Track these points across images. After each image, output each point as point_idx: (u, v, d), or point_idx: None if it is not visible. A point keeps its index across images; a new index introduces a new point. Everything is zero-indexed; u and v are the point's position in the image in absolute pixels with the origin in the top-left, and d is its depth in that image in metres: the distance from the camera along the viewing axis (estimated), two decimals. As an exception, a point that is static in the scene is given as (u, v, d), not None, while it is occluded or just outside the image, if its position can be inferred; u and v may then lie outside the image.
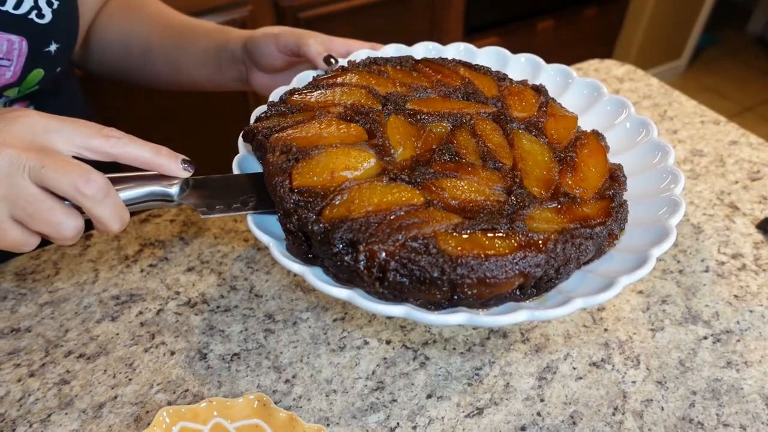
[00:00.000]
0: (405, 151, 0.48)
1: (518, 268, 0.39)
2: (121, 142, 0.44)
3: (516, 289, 0.41)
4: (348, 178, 0.44)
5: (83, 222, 0.44)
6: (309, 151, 0.46)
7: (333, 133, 0.48)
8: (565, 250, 0.41)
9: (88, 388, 0.53)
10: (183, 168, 0.47)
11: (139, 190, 0.46)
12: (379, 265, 0.39)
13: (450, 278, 0.39)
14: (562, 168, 0.48)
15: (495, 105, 0.54)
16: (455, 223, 0.41)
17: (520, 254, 0.39)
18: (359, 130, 0.49)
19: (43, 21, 0.57)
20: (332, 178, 0.44)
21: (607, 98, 0.59)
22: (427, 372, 0.54)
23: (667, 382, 0.54)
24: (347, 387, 0.53)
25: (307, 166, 0.45)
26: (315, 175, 0.44)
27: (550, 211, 0.43)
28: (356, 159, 0.46)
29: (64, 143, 0.42)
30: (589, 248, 0.42)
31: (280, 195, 0.44)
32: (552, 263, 0.40)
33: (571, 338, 0.57)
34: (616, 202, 0.46)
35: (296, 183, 0.44)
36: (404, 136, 0.49)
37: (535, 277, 0.40)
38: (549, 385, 0.53)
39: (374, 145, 0.47)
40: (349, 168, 0.45)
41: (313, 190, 0.44)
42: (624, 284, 0.40)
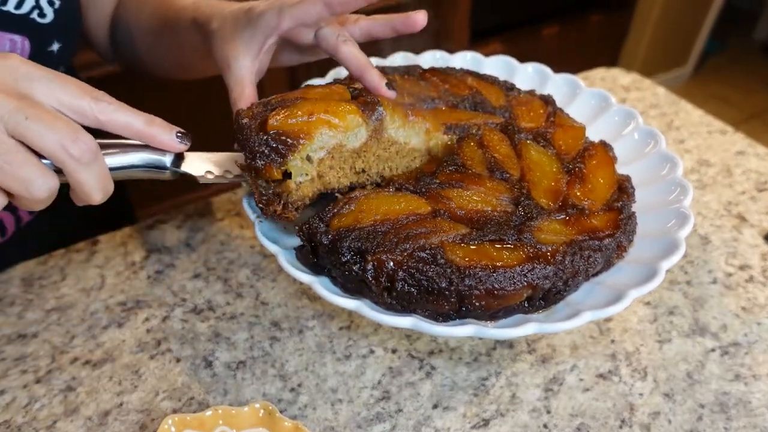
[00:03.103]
0: (394, 113, 0.47)
1: (526, 280, 0.39)
2: (111, 108, 0.40)
3: (524, 301, 0.41)
4: (328, 122, 0.42)
5: (58, 184, 0.39)
6: (289, 101, 0.44)
7: (317, 91, 0.47)
8: (573, 262, 0.40)
9: (94, 395, 0.53)
10: (178, 141, 0.43)
11: (129, 157, 0.42)
12: (388, 275, 0.39)
13: (458, 289, 0.38)
14: (570, 179, 0.48)
15: (503, 115, 0.54)
16: (463, 234, 0.41)
17: (529, 266, 0.39)
18: (343, 89, 0.48)
19: (44, 20, 0.56)
20: (310, 120, 0.42)
21: (615, 108, 0.59)
22: (433, 382, 0.54)
23: (674, 394, 0.53)
24: (353, 396, 0.53)
25: (284, 111, 0.43)
26: (292, 116, 0.42)
27: (558, 223, 0.43)
28: (339, 108, 0.44)
29: (47, 97, 0.38)
30: (597, 260, 0.42)
31: (246, 135, 0.41)
32: (560, 275, 0.40)
33: (577, 349, 0.57)
34: (625, 214, 0.46)
35: (270, 125, 0.41)
36: (395, 105, 0.49)
37: (543, 289, 0.40)
38: (555, 397, 0.53)
39: (363, 102, 0.46)
40: (330, 113, 0.43)
41: (287, 133, 0.41)
42: (633, 297, 0.39)
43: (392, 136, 0.48)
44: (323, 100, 0.44)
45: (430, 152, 0.52)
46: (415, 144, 0.50)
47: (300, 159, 0.42)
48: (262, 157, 0.41)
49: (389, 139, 0.48)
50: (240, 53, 0.50)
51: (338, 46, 0.49)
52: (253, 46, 0.50)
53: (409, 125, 0.49)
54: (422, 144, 0.51)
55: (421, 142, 0.51)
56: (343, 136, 0.44)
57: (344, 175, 0.47)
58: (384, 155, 0.48)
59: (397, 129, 0.48)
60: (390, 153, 0.49)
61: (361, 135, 0.45)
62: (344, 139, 0.44)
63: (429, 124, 0.51)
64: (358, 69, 0.49)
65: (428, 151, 0.52)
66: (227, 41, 0.51)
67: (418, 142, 0.50)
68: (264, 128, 0.41)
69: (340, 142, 0.44)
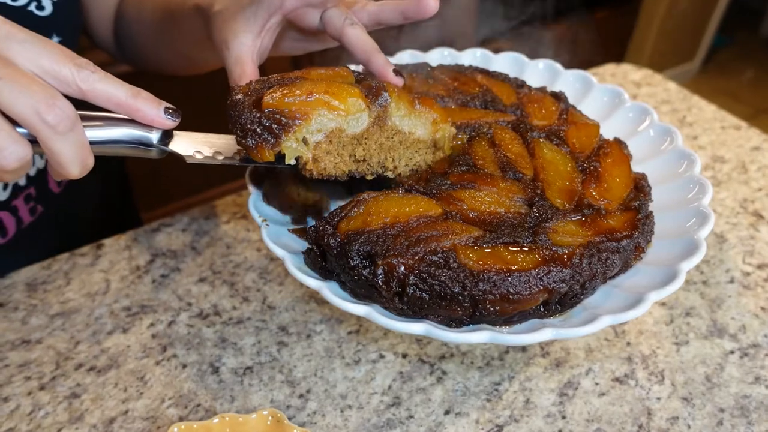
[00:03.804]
0: (400, 101, 0.45)
1: (542, 284, 0.38)
2: (95, 77, 0.37)
3: (540, 306, 0.39)
4: (327, 103, 0.40)
5: (31, 154, 0.36)
6: (289, 80, 0.42)
7: (320, 72, 0.45)
8: (591, 265, 0.39)
9: (99, 402, 0.52)
10: (166, 117, 0.40)
11: (112, 131, 0.39)
12: (398, 280, 0.38)
13: (471, 294, 0.37)
14: (586, 178, 0.46)
15: (514, 113, 0.53)
16: (476, 236, 0.40)
17: (545, 269, 0.38)
18: (347, 71, 0.46)
19: (43, 13, 0.55)
20: (308, 100, 0.40)
21: (628, 105, 0.58)
22: (445, 387, 0.53)
23: (693, 398, 0.52)
24: (362, 402, 0.52)
25: (282, 88, 0.40)
26: (290, 95, 0.40)
27: (574, 224, 0.42)
28: (341, 90, 0.41)
29: (26, 60, 0.35)
30: (615, 262, 0.40)
31: (238, 112, 0.39)
32: (577, 278, 0.39)
33: (592, 352, 0.55)
34: (642, 214, 0.44)
35: (266, 102, 0.39)
36: (401, 92, 0.46)
37: (559, 293, 0.39)
38: (571, 402, 0.52)
39: (367, 86, 0.44)
40: (330, 94, 0.41)
41: (283, 112, 0.39)
42: (653, 301, 0.38)
43: (396, 125, 0.46)
44: (325, 81, 0.42)
45: (437, 144, 0.49)
46: (420, 135, 0.48)
47: (295, 140, 0.40)
48: (254, 137, 0.39)
49: (393, 127, 0.46)
50: (240, 30, 0.47)
51: (344, 28, 0.47)
52: (254, 23, 0.47)
53: (415, 114, 0.47)
54: (428, 135, 0.48)
55: (427, 133, 0.48)
56: (343, 120, 0.42)
57: (342, 162, 0.45)
58: (386, 144, 0.46)
59: (401, 117, 0.46)
60: (393, 142, 0.46)
61: (363, 121, 0.43)
62: (344, 124, 0.42)
63: (437, 115, 0.48)
64: (365, 53, 0.47)
65: (434, 144, 0.49)
66: (227, 20, 0.48)
67: (424, 133, 0.48)
68: (259, 106, 0.39)
69: (339, 126, 0.42)
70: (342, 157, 0.44)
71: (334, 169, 0.44)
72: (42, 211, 0.66)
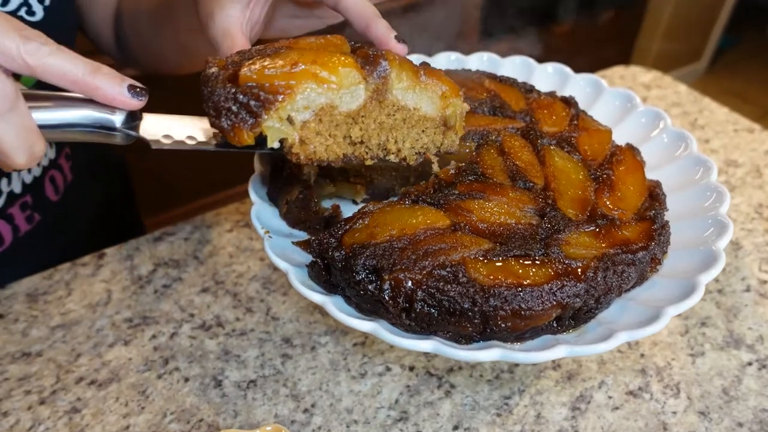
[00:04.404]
0: (402, 71, 0.40)
1: (556, 299, 0.36)
2: (45, 50, 0.32)
3: (553, 321, 0.38)
4: (315, 75, 0.35)
5: None
6: (273, 50, 0.37)
7: (309, 41, 0.40)
8: (606, 279, 0.38)
9: (100, 417, 0.51)
10: (130, 95, 0.35)
11: (66, 113, 0.34)
12: (406, 295, 0.37)
13: (482, 310, 0.36)
14: (598, 187, 0.45)
15: (523, 119, 0.51)
16: (486, 249, 0.38)
17: (558, 283, 0.36)
18: (341, 39, 0.41)
19: (33, 18, 0.53)
20: (293, 72, 0.35)
21: (641, 109, 0.56)
22: (453, 401, 0.51)
23: (710, 412, 0.50)
24: (369, 417, 0.50)
25: (262, 59, 0.35)
26: (271, 66, 0.35)
27: (587, 235, 0.40)
28: (332, 59, 0.36)
29: None
30: (631, 275, 0.39)
31: (212, 88, 0.34)
32: (592, 293, 0.37)
33: (605, 364, 0.54)
34: (658, 224, 0.43)
35: (243, 76, 0.34)
36: (403, 61, 0.41)
37: (573, 308, 0.37)
38: (583, 416, 0.50)
39: (363, 55, 0.39)
40: (319, 64, 0.35)
41: (263, 87, 0.34)
42: (671, 316, 0.36)
43: (398, 100, 0.40)
44: (314, 50, 0.37)
45: (447, 123, 0.44)
46: (427, 111, 0.42)
47: (278, 119, 0.36)
48: (229, 116, 0.34)
49: (394, 102, 0.40)
50: (226, 1, 0.43)
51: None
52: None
53: (421, 87, 0.41)
54: (436, 111, 0.43)
55: (435, 109, 0.42)
56: (334, 95, 0.37)
57: (336, 145, 0.40)
58: (387, 123, 0.41)
59: (404, 91, 0.40)
60: (395, 120, 0.41)
61: (359, 95, 0.38)
62: (336, 99, 0.37)
63: (446, 88, 0.42)
64: (363, 19, 0.42)
65: (444, 122, 0.44)
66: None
67: (432, 109, 0.42)
68: (235, 80, 0.34)
69: (330, 102, 0.37)
70: (335, 138, 0.39)
71: (325, 152, 0.39)
72: (39, 219, 0.65)
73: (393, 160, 0.43)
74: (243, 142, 0.36)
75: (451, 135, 0.45)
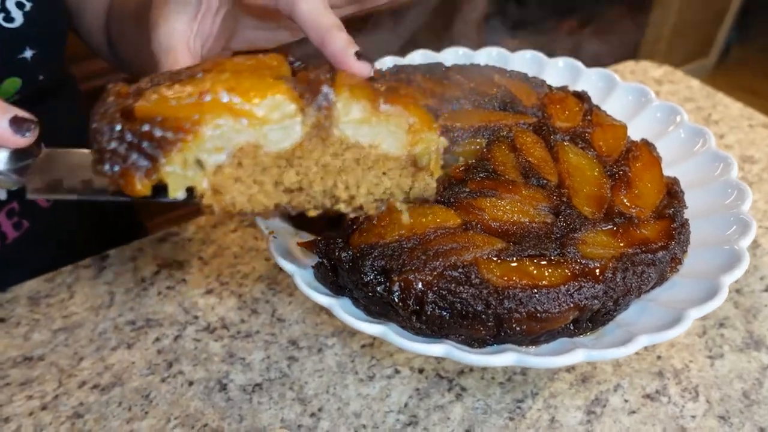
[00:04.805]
0: (353, 98, 0.31)
1: (573, 301, 0.35)
2: None
3: (570, 324, 0.36)
4: (230, 107, 0.28)
5: None
6: (186, 73, 0.30)
7: (236, 61, 0.32)
8: (625, 280, 0.36)
9: (102, 422, 0.49)
10: (13, 130, 0.29)
11: None
12: (416, 297, 0.35)
13: (496, 312, 0.34)
14: (615, 184, 0.43)
15: (535, 115, 0.50)
16: (499, 249, 0.37)
17: (575, 285, 0.35)
18: (280, 59, 0.33)
19: (12, 25, 0.52)
20: (202, 103, 0.28)
21: (655, 104, 0.55)
22: (464, 405, 0.50)
23: (730, 417, 0.48)
24: (377, 422, 0.49)
25: (167, 88, 0.29)
26: (175, 96, 0.28)
27: (604, 234, 0.39)
28: (256, 85, 0.29)
29: None
30: (651, 276, 0.37)
31: (97, 123, 0.28)
32: (611, 294, 0.36)
33: (621, 367, 0.52)
34: (678, 222, 0.41)
35: (139, 109, 0.28)
36: (360, 86, 0.32)
37: (591, 310, 0.36)
38: (599, 420, 0.48)
39: (302, 79, 0.31)
40: (238, 92, 0.28)
41: (163, 123, 0.28)
42: (693, 318, 0.35)
43: (347, 136, 0.32)
44: (238, 73, 0.30)
45: (417, 163, 0.35)
46: (388, 148, 0.33)
47: (181, 163, 0.29)
48: (115, 160, 0.28)
49: (342, 139, 0.32)
50: (171, 12, 0.37)
51: (296, 1, 0.36)
52: (187, 4, 0.38)
53: (380, 119, 0.32)
54: (401, 149, 0.34)
55: (400, 146, 0.33)
56: (258, 132, 0.30)
57: (263, 194, 0.32)
58: (334, 165, 0.32)
59: (356, 124, 0.32)
60: (345, 161, 0.33)
61: (293, 131, 0.30)
62: (261, 137, 0.30)
63: (415, 119, 0.33)
64: (318, 31, 0.35)
65: (413, 162, 0.35)
66: (156, 3, 0.39)
67: (395, 146, 0.33)
68: (129, 114, 0.28)
69: (253, 141, 0.30)
70: (262, 185, 0.32)
71: (249, 203, 0.32)
72: (28, 226, 0.64)
73: (344, 210, 0.34)
74: (136, 192, 0.28)
75: (423, 177, 0.35)
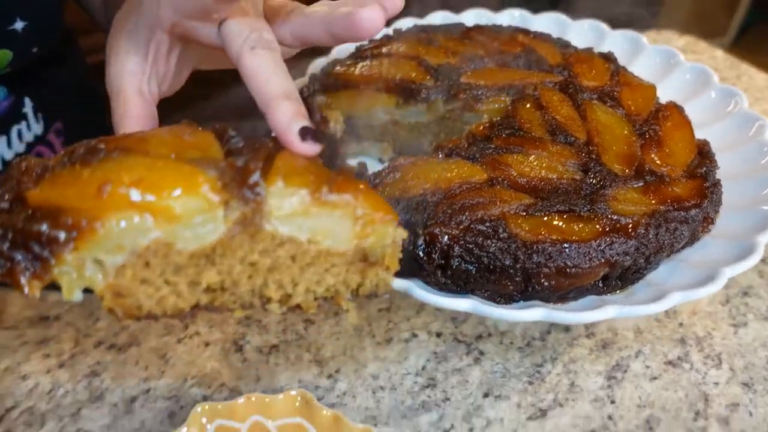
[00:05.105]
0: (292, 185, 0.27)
1: (604, 257, 0.34)
2: None
3: (599, 281, 0.36)
4: (138, 200, 0.24)
5: None
6: (97, 157, 0.26)
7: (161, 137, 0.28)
8: (657, 236, 0.35)
9: (120, 380, 0.49)
10: None
11: None
12: (442, 251, 0.34)
13: (524, 267, 0.34)
14: (645, 143, 0.42)
15: (561, 74, 0.48)
16: (527, 204, 0.36)
17: (606, 240, 0.34)
18: (211, 139, 0.28)
19: None
20: (98, 196, 0.24)
21: (685, 66, 0.53)
22: (483, 368, 0.49)
23: (754, 384, 0.48)
24: (395, 383, 0.48)
25: (70, 173, 0.25)
26: (69, 188, 0.25)
27: (636, 191, 0.38)
28: (170, 174, 0.25)
29: None
30: (683, 234, 0.36)
31: None
32: (642, 251, 0.35)
33: (642, 333, 0.52)
34: (710, 181, 0.40)
35: (32, 196, 0.25)
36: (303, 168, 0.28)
37: (622, 267, 0.35)
38: (620, 385, 0.48)
39: (228, 167, 0.27)
40: (145, 185, 0.25)
41: (54, 217, 0.24)
42: (728, 276, 0.34)
43: (279, 232, 0.28)
44: (153, 159, 0.26)
45: (367, 257, 0.30)
46: (331, 243, 0.29)
47: (75, 266, 0.25)
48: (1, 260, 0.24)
49: (274, 235, 0.28)
50: (122, 50, 0.34)
51: (241, 55, 0.31)
52: (138, 42, 0.34)
53: (322, 210, 0.28)
54: (347, 243, 0.29)
55: (346, 239, 0.29)
56: (168, 230, 0.26)
57: (177, 295, 0.28)
58: (263, 263, 0.28)
59: (292, 218, 0.27)
60: (278, 258, 0.28)
61: (214, 227, 0.26)
62: (172, 235, 0.26)
63: (365, 210, 0.28)
64: (262, 97, 0.30)
65: (362, 256, 0.30)
66: (113, 33, 0.35)
67: (340, 241, 0.29)
68: (22, 201, 0.25)
69: (163, 239, 0.26)
70: (175, 286, 0.28)
71: (158, 306, 0.28)
72: None
73: (276, 310, 0.30)
74: (31, 291, 0.25)
75: (375, 272, 0.31)
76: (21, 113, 0.61)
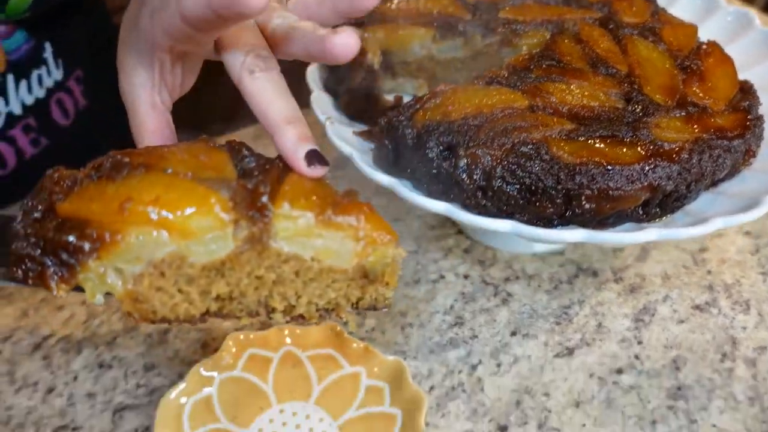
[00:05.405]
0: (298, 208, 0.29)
1: (647, 180, 0.34)
2: None
3: (638, 207, 0.35)
4: (151, 219, 0.27)
5: None
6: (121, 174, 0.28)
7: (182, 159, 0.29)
8: (700, 162, 0.35)
9: (152, 311, 0.50)
10: None
11: None
12: (483, 172, 0.34)
13: (566, 188, 0.33)
14: (687, 77, 0.41)
15: (601, 10, 0.48)
16: (569, 129, 0.36)
17: (650, 163, 0.34)
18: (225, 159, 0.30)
19: None
20: (121, 212, 0.27)
21: (726, 9, 0.52)
22: (510, 309, 0.50)
23: (782, 329, 0.48)
24: (423, 321, 0.49)
25: (97, 187, 0.28)
26: (94, 204, 0.27)
27: (678, 120, 0.37)
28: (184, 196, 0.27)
29: None
30: (726, 162, 0.36)
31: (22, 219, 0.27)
32: (685, 176, 0.35)
33: (669, 279, 0.52)
34: (753, 115, 0.39)
35: (62, 209, 0.27)
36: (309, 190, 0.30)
37: (664, 191, 0.35)
38: (647, 328, 0.48)
39: (241, 189, 0.28)
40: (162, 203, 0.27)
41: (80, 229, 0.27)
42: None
43: (285, 251, 0.30)
44: (170, 178, 0.28)
45: (368, 274, 0.32)
46: (333, 261, 0.31)
47: (96, 274, 0.28)
48: (30, 264, 0.27)
49: (279, 252, 0.30)
50: (129, 65, 0.34)
51: (241, 80, 0.31)
52: (142, 57, 0.34)
53: (326, 230, 0.30)
54: (348, 261, 0.31)
55: (348, 258, 0.31)
56: (182, 245, 0.28)
57: (189, 302, 0.31)
58: (269, 277, 0.31)
59: (297, 238, 0.30)
60: (283, 273, 0.31)
61: (224, 244, 0.29)
62: (185, 249, 0.29)
63: (366, 231, 0.30)
64: (267, 122, 0.31)
65: (363, 273, 0.32)
66: (120, 47, 0.36)
67: (341, 259, 0.31)
68: (53, 211, 0.27)
69: (178, 252, 0.29)
70: (187, 295, 0.30)
71: (171, 312, 0.31)
72: (48, 143, 0.62)
73: (280, 320, 0.33)
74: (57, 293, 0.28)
75: (375, 288, 0.33)
76: (41, 58, 0.61)
